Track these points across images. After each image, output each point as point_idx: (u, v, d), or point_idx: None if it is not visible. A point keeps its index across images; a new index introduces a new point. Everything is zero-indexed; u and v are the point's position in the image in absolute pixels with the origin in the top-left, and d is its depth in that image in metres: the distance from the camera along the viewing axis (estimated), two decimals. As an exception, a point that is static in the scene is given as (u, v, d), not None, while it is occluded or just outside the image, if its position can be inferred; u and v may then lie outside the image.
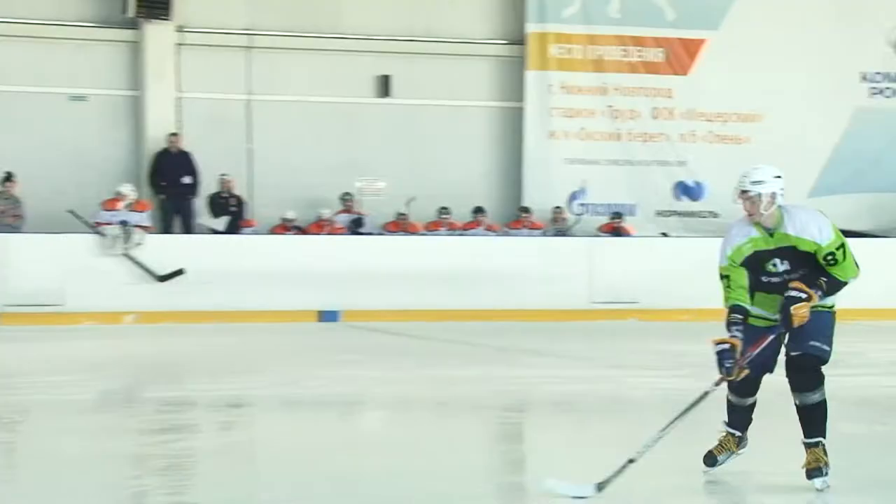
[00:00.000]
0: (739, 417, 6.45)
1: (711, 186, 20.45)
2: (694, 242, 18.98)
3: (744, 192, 6.12)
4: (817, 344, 6.01)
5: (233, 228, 18.32)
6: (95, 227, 16.99)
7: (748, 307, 6.12)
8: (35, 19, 18.49)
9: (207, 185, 18.51)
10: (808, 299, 5.95)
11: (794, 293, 5.98)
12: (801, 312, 5.95)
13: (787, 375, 6.05)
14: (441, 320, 17.00)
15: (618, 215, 19.93)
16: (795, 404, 6.08)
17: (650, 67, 20.76)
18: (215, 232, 18.20)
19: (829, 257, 6.03)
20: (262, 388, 10.97)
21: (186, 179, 18.30)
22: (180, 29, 18.93)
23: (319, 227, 18.80)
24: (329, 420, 9.31)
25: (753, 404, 6.44)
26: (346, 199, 19.19)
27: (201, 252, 17.32)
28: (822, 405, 6.08)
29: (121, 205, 17.22)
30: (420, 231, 19.09)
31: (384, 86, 19.93)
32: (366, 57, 19.78)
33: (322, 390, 10.79)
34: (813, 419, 6.07)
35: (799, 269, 6.07)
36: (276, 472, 6.93)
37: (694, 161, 20.67)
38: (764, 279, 6.13)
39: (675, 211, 20.73)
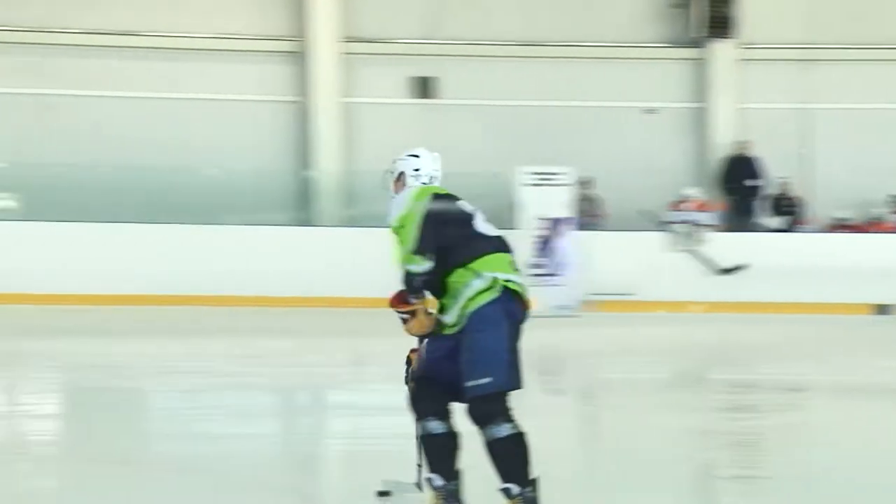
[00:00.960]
0: (435, 455, 4.69)
1: None
2: None
3: None
4: (470, 384, 4.46)
5: (790, 227, 18.03)
6: (664, 226, 17.27)
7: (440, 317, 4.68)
8: (613, 42, 19.01)
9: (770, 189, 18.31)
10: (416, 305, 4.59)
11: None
12: (408, 326, 4.64)
13: None
14: None
15: None
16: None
17: None
18: (774, 230, 17.99)
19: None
20: (820, 375, 10.81)
21: (751, 182, 18.17)
22: (742, 46, 18.85)
23: (873, 225, 18.17)
24: (881, 408, 8.97)
25: (451, 438, 4.68)
26: (897, 200, 18.38)
27: (762, 248, 17.17)
28: (511, 442, 4.47)
29: (687, 205, 17.41)
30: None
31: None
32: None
33: (876, 379, 10.44)
34: (498, 459, 4.48)
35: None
36: (833, 454, 6.77)
37: None
38: None
39: None
